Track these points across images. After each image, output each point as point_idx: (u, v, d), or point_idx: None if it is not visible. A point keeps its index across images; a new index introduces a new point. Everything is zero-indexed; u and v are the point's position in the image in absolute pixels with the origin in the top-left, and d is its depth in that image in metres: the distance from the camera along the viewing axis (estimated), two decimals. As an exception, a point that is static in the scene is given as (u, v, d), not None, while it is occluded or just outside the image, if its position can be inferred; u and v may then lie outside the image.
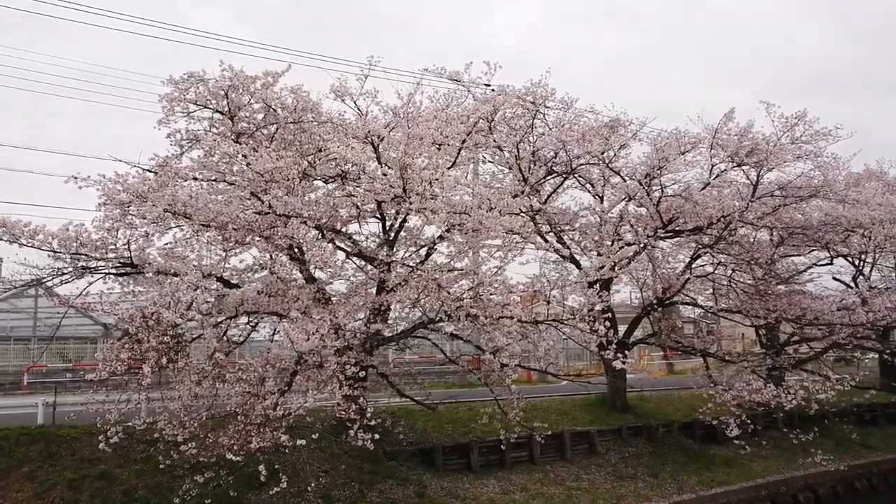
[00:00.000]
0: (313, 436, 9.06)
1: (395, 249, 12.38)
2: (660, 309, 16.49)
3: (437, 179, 10.48)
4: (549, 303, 11.14)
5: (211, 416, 9.86)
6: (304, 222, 10.08)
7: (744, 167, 16.21)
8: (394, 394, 12.84)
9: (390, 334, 12.85)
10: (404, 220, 12.52)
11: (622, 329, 17.40)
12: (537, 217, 15.78)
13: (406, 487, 12.69)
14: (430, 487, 13.00)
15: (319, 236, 11.44)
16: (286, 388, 9.50)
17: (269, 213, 10.08)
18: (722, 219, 13.88)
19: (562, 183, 14.91)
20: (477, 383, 19.82)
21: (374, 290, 12.43)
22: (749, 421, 14.12)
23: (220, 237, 10.30)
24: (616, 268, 15.67)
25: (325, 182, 12.17)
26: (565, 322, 11.00)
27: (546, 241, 15.87)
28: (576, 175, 16.34)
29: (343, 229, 12.26)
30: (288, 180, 10.67)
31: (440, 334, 13.55)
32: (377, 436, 9.88)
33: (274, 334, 11.06)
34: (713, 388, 14.61)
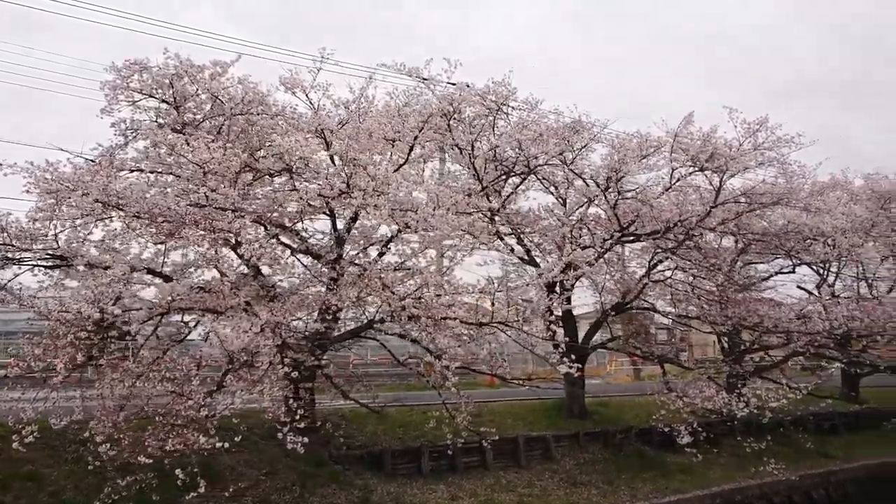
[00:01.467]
0: (236, 438, 8.62)
1: (346, 248, 12.08)
2: (614, 314, 16.29)
3: (384, 175, 10.14)
4: (493, 304, 10.87)
5: (138, 417, 9.44)
6: (242, 216, 9.70)
7: (706, 172, 16.15)
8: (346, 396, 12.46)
9: (337, 334, 12.54)
10: (355, 218, 12.22)
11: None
12: (496, 218, 15.58)
13: (350, 492, 12.33)
14: (376, 493, 12.64)
15: (263, 231, 11.07)
16: (216, 388, 9.10)
17: (205, 205, 9.70)
18: (679, 223, 13.71)
19: (520, 183, 14.65)
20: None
21: (323, 289, 12.10)
22: (701, 429, 13.94)
23: (152, 230, 9.89)
24: (571, 271, 15.50)
25: (272, 176, 11.78)
26: (510, 325, 10.73)
27: (504, 242, 15.68)
28: (538, 177, 16.15)
29: (292, 225, 11.90)
30: (227, 172, 10.30)
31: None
32: (306, 439, 9.47)
33: (209, 333, 10.67)
34: (666, 394, 14.42)
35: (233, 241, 11.45)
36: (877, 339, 15.69)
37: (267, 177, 11.89)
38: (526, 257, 16.39)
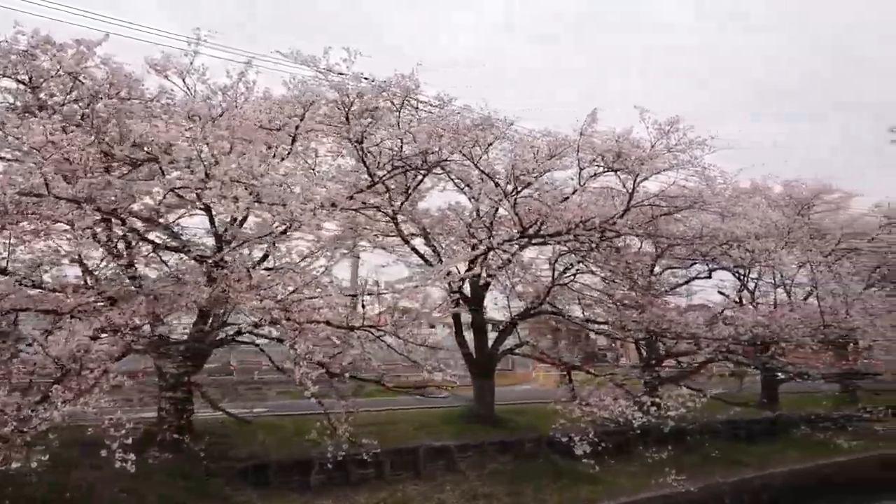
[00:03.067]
0: (42, 457, 7.58)
1: (228, 245, 11.16)
2: (521, 319, 15.78)
3: (248, 166, 9.30)
4: (364, 307, 10.14)
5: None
6: (81, 207, 8.72)
7: (619, 174, 15.78)
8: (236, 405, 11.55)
9: (213, 339, 11.62)
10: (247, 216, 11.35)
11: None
12: (400, 217, 14.88)
13: (223, 509, 11.41)
14: (254, 509, 11.76)
15: (119, 224, 10.09)
16: (42, 398, 8.09)
17: (40, 195, 8.70)
18: (582, 224, 13.23)
19: (421, 181, 13.96)
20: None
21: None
22: (598, 438, 13.46)
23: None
24: (482, 273, 14.93)
25: (133, 166, 10.80)
26: (383, 329, 10.01)
27: (408, 243, 14.98)
28: (451, 176, 15.54)
29: (157, 219, 10.94)
30: (76, 159, 9.31)
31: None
32: (169, 454, 8.51)
33: (48, 335, 9.62)
34: (564, 402, 13.91)
35: (99, 237, 10.57)
36: (781, 346, 15.49)
37: (130, 167, 10.91)
38: (434, 260, 15.71)
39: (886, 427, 18.84)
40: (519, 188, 13.29)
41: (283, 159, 11.48)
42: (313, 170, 12.89)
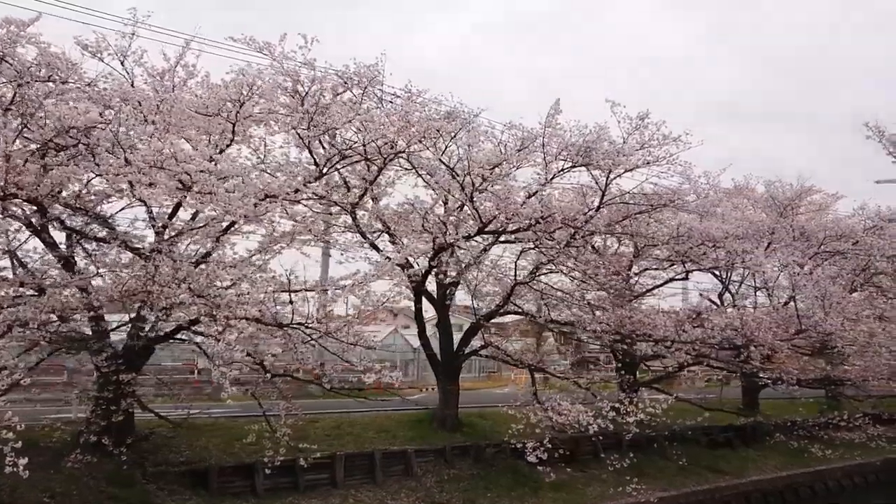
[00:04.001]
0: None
1: (165, 237, 10.58)
2: (486, 321, 15.19)
3: (170, 150, 8.72)
4: (292, 303, 9.54)
5: None
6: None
7: (591, 170, 15.22)
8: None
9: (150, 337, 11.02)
10: (178, 206, 10.75)
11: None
12: (360, 212, 14.31)
13: (158, 516, 10.83)
14: (192, 515, 11.18)
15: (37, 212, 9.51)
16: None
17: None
18: (541, 220, 12.63)
19: (378, 173, 13.34)
20: (316, 394, 18.09)
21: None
22: (553, 445, 12.90)
23: None
24: (445, 270, 14.36)
25: (58, 151, 10.19)
26: (310, 326, 9.42)
27: (365, 237, 14.40)
28: (420, 171, 14.96)
29: (79, 207, 10.33)
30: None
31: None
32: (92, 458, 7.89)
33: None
34: (515, 406, 13.34)
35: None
36: (753, 350, 14.89)
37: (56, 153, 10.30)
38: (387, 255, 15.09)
39: (862, 435, 18.25)
40: (476, 182, 12.67)
41: (222, 149, 10.88)
42: (262, 160, 12.28)
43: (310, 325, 9.51)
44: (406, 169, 15.21)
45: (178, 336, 11.12)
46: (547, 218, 12.61)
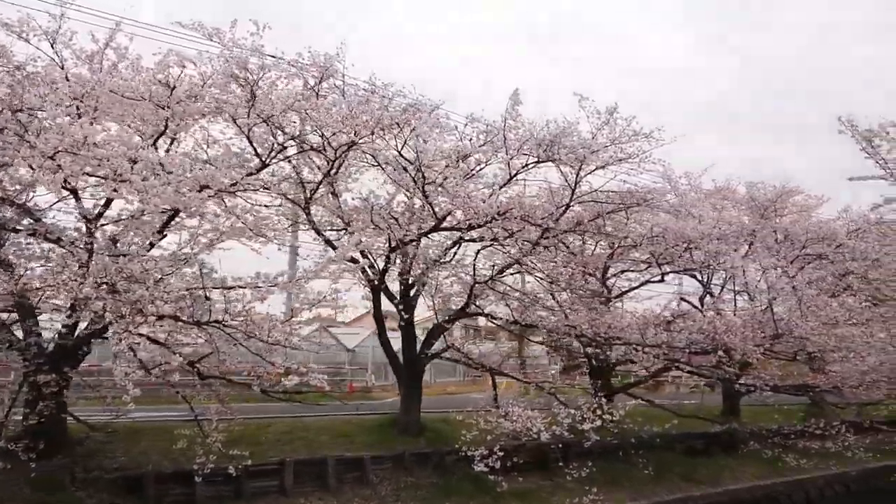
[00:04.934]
0: None
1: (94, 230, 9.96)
2: (450, 323, 14.59)
3: (89, 134, 8.12)
4: (208, 299, 8.92)
5: None
6: None
7: (560, 166, 14.68)
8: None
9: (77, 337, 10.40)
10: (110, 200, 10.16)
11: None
12: (312, 206, 13.72)
13: (83, 525, 10.20)
14: (121, 525, 10.55)
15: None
16: None
17: None
18: (498, 218, 12.04)
19: (331, 167, 12.73)
20: (281, 398, 17.44)
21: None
22: (513, 452, 12.31)
23: None
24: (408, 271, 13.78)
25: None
26: (228, 324, 8.80)
27: (320, 234, 13.82)
28: (384, 167, 14.38)
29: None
30: None
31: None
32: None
33: None
34: (465, 411, 12.74)
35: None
36: (722, 354, 14.30)
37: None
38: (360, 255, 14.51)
39: (839, 444, 17.64)
40: (427, 176, 12.08)
41: (156, 138, 10.28)
42: (206, 150, 11.68)
43: (226, 324, 8.88)
44: (372, 165, 14.70)
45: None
46: (504, 214, 12.00)
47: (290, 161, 12.38)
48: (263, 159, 11.08)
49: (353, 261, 12.60)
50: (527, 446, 13.11)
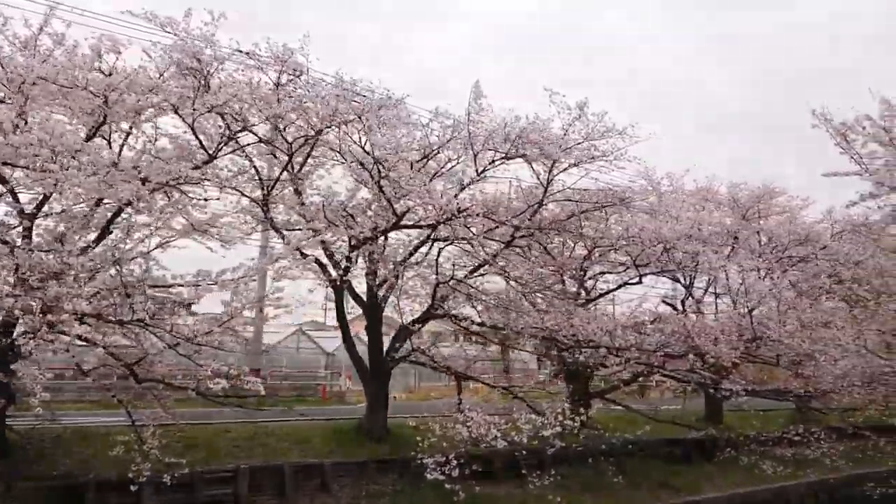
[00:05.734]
0: None
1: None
2: (420, 325, 14.13)
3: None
4: (129, 297, 8.44)
5: None
6: None
7: (533, 164, 14.26)
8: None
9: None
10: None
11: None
12: (275, 205, 13.25)
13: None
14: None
15: None
16: None
17: None
18: (458, 215, 11.58)
19: (288, 162, 12.28)
20: (248, 404, 16.94)
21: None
22: (457, 459, 11.86)
23: None
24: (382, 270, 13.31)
25: None
26: (150, 324, 8.32)
27: (278, 232, 13.35)
28: (346, 160, 13.96)
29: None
30: None
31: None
32: None
33: None
34: (422, 416, 12.26)
35: None
36: (695, 358, 13.83)
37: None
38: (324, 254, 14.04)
39: (817, 450, 17.16)
40: (387, 172, 11.61)
41: (95, 128, 9.80)
42: (153, 143, 11.18)
43: (148, 323, 8.40)
44: (340, 162, 14.26)
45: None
46: (464, 211, 11.54)
47: (246, 156, 11.90)
48: (210, 152, 10.59)
49: (303, 255, 12.09)
50: (499, 452, 12.60)
